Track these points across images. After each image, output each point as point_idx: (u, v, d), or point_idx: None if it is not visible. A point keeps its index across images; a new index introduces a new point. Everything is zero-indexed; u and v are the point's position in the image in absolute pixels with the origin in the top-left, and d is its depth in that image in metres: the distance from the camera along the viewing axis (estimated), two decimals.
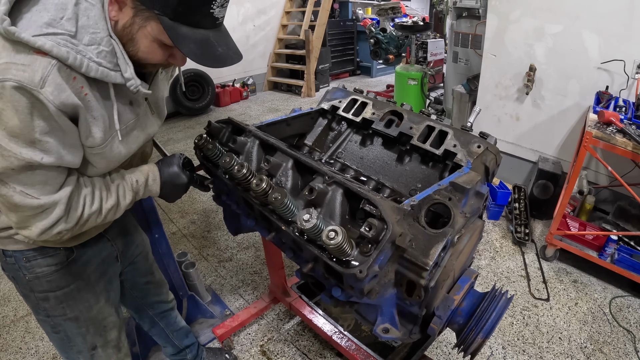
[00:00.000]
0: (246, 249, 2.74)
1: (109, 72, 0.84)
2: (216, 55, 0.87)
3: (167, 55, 0.91)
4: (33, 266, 1.03)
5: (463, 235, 0.89)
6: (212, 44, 0.86)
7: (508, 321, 2.14)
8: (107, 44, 0.83)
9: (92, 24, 0.81)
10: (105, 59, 0.84)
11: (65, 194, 0.89)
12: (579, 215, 2.81)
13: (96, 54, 0.82)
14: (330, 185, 0.88)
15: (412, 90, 4.60)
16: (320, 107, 1.46)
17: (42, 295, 1.07)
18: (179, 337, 1.68)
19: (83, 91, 0.83)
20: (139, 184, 1.07)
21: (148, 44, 0.86)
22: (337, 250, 0.73)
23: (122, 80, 0.88)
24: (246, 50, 6.49)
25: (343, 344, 1.71)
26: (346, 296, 0.85)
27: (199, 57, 0.84)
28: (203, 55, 0.84)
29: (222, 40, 0.90)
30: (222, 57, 0.88)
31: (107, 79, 0.85)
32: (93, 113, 0.87)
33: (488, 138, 1.15)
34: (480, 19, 3.75)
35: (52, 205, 0.87)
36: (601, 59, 2.61)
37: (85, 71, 0.80)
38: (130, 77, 0.88)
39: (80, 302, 1.13)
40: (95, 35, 0.81)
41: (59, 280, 1.07)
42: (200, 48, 0.84)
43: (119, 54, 0.85)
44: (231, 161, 0.98)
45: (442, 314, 0.93)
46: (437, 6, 5.93)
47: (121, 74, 0.87)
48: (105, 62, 0.84)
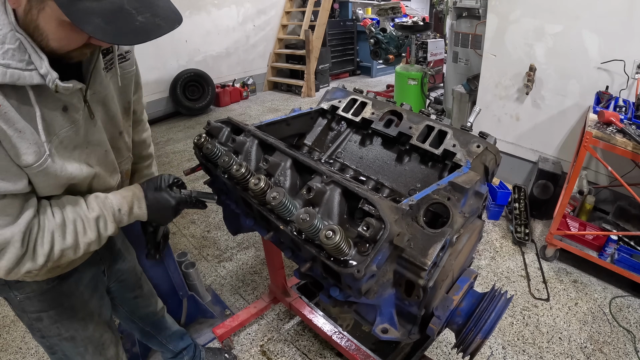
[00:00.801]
0: (246, 249, 2.74)
1: (21, 73, 0.70)
2: (135, 27, 0.67)
3: (84, 37, 0.74)
4: (24, 286, 0.97)
5: (462, 235, 0.89)
6: (127, 14, 0.66)
7: (508, 321, 2.14)
8: (12, 40, 0.69)
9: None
10: (14, 58, 0.69)
11: (18, 229, 0.77)
12: (579, 215, 2.80)
13: (1, 55, 0.68)
14: (328, 185, 0.88)
15: (412, 90, 4.60)
16: (319, 107, 1.46)
17: (35, 315, 1.02)
18: (173, 341, 1.65)
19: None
20: (122, 212, 0.96)
21: (54, 29, 0.69)
22: (334, 250, 0.73)
23: (41, 80, 0.73)
24: (246, 50, 6.51)
25: (343, 344, 1.71)
26: (344, 296, 0.85)
27: (110, 34, 0.65)
28: (115, 31, 0.66)
29: (144, 5, 0.69)
30: (143, 29, 0.68)
31: (20, 81, 0.70)
32: (16, 125, 0.72)
33: (487, 138, 1.15)
34: (480, 19, 3.75)
35: (5, 244, 0.76)
36: (601, 59, 2.61)
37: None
38: (46, 72, 0.72)
39: (75, 321, 1.08)
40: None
41: (51, 299, 1.01)
42: (111, 22, 0.65)
43: (29, 48, 0.70)
44: (230, 160, 0.98)
45: (441, 314, 0.92)
46: (437, 6, 5.93)
47: (37, 72, 0.72)
48: (15, 62, 0.69)
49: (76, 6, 0.64)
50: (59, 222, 0.84)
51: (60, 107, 0.82)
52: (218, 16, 5.92)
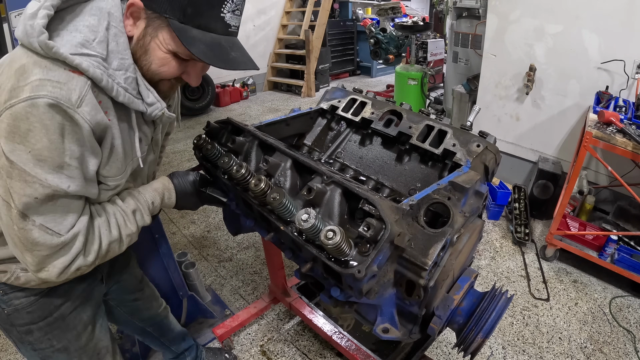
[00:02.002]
0: (246, 249, 2.74)
1: (134, 99, 0.84)
2: (229, 58, 0.83)
3: (181, 69, 0.88)
4: (11, 299, 0.95)
5: (462, 234, 0.89)
6: (224, 48, 0.83)
7: (508, 321, 2.14)
8: (133, 71, 0.83)
9: (120, 50, 0.81)
10: (131, 86, 0.83)
11: (83, 225, 0.84)
12: (579, 215, 2.80)
13: (124, 80, 0.81)
14: (328, 185, 0.88)
15: (412, 90, 4.60)
16: (319, 107, 1.46)
17: (25, 328, 0.99)
18: (175, 342, 1.63)
19: (107, 116, 0.82)
20: (155, 205, 1.03)
21: (161, 55, 0.84)
22: (335, 250, 0.73)
23: (144, 108, 0.87)
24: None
25: (343, 344, 1.71)
26: (345, 296, 0.85)
27: (211, 57, 0.80)
28: (215, 56, 0.81)
29: (236, 47, 0.87)
30: (235, 60, 0.84)
31: (132, 105, 0.84)
32: (115, 141, 0.85)
33: (487, 137, 1.15)
34: (480, 19, 3.75)
35: (72, 240, 0.82)
36: (601, 59, 2.61)
37: (114, 95, 0.80)
38: (154, 101, 0.88)
39: (67, 331, 1.06)
40: (123, 61, 0.81)
41: (40, 310, 0.99)
42: (212, 50, 0.81)
43: (140, 81, 0.85)
44: (230, 161, 0.98)
45: (441, 314, 0.92)
46: (437, 6, 5.94)
47: (142, 102, 0.87)
48: (131, 89, 0.83)
49: (187, 33, 0.79)
50: (103, 218, 0.90)
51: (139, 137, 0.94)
52: None
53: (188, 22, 0.79)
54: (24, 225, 0.76)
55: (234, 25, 0.86)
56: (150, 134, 1.01)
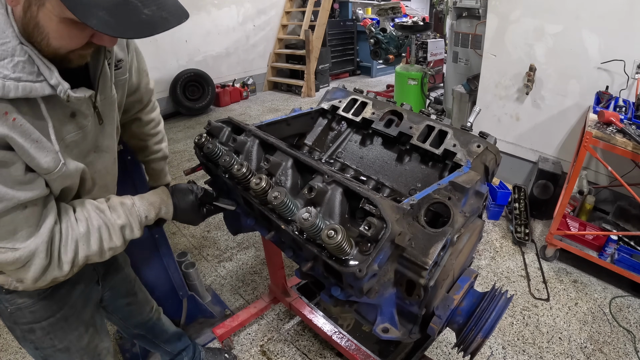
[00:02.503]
0: (246, 249, 2.74)
1: (32, 85, 0.69)
2: (141, 20, 0.64)
3: (86, 35, 0.71)
4: (14, 297, 0.94)
5: (462, 234, 0.89)
6: (132, 6, 0.63)
7: (508, 321, 2.14)
8: (21, 53, 0.68)
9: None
10: (24, 71, 0.68)
11: (41, 240, 0.77)
12: (579, 215, 2.81)
13: (11, 69, 0.66)
14: (329, 185, 0.88)
15: (412, 90, 4.60)
16: (320, 107, 1.46)
17: (28, 327, 0.99)
18: (170, 343, 1.63)
19: (9, 117, 0.68)
20: (149, 219, 0.98)
21: (55, 26, 0.66)
22: (336, 249, 0.73)
23: (51, 90, 0.72)
24: (246, 50, 6.51)
25: (343, 344, 1.71)
26: (345, 295, 0.85)
27: (114, 27, 0.62)
28: (120, 23, 0.62)
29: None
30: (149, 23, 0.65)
31: (32, 94, 0.70)
32: (32, 137, 0.73)
33: (488, 138, 1.15)
34: (480, 19, 3.75)
35: (30, 256, 0.76)
36: (601, 59, 2.61)
37: (2, 94, 0.66)
38: (56, 82, 0.72)
39: (69, 332, 1.05)
40: (4, 46, 0.66)
41: (43, 310, 0.98)
42: (115, 15, 0.62)
43: (37, 60, 0.69)
44: (231, 160, 0.98)
45: (441, 314, 0.92)
46: (437, 6, 5.94)
47: (47, 83, 0.71)
48: (25, 75, 0.68)
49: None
50: (83, 230, 0.85)
51: (68, 114, 0.82)
52: (218, 16, 5.92)
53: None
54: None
55: None
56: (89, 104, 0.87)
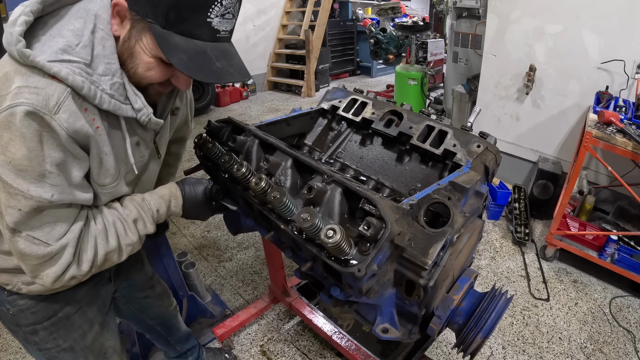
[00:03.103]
0: (246, 249, 2.74)
1: (121, 105, 0.81)
2: (212, 69, 0.77)
3: (168, 74, 0.84)
4: (15, 299, 0.95)
5: (462, 234, 0.89)
6: (208, 57, 0.77)
7: (508, 321, 2.14)
8: (120, 76, 0.80)
9: (107, 54, 0.77)
10: (118, 92, 0.80)
11: (73, 235, 0.81)
12: (579, 215, 2.81)
13: (109, 86, 0.78)
14: (329, 184, 0.88)
15: (412, 90, 4.60)
16: (320, 107, 1.46)
17: (30, 328, 0.99)
18: (180, 341, 1.63)
19: (95, 123, 0.79)
20: (160, 213, 0.99)
21: (146, 59, 0.79)
22: (335, 249, 0.73)
23: (133, 114, 0.84)
24: (246, 50, 6.50)
25: (343, 344, 1.71)
26: (345, 295, 0.85)
27: (191, 68, 0.75)
28: (196, 67, 0.76)
29: (223, 55, 0.80)
30: (218, 73, 0.78)
31: (119, 111, 0.81)
32: (104, 148, 0.82)
33: (488, 138, 1.15)
34: (480, 19, 3.75)
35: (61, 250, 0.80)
36: (601, 59, 2.61)
37: (98, 103, 0.77)
38: (141, 106, 0.84)
39: (72, 330, 1.05)
40: (109, 65, 0.78)
41: (44, 310, 0.98)
42: (193, 60, 0.75)
43: (127, 86, 0.81)
44: (230, 160, 0.98)
45: (441, 314, 0.92)
46: (437, 6, 5.93)
47: (131, 107, 0.83)
48: (117, 95, 0.80)
49: (168, 40, 0.75)
50: (100, 227, 0.87)
51: (135, 141, 0.91)
52: None
53: (170, 27, 0.74)
54: (10, 237, 0.76)
55: (223, 31, 0.79)
56: (151, 138, 0.99)
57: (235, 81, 0.82)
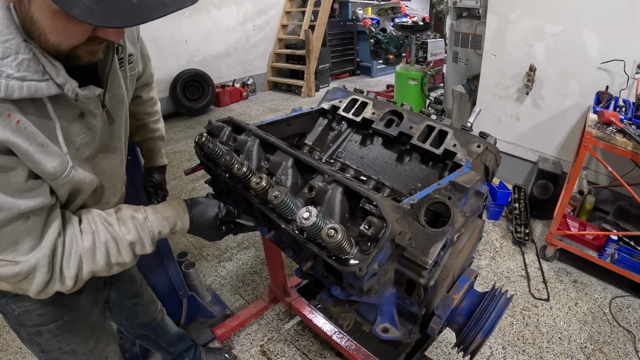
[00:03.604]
0: (246, 249, 2.74)
1: (38, 85, 0.65)
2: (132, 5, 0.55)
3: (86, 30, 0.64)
4: (22, 299, 0.91)
5: (463, 234, 0.89)
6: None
7: (508, 321, 2.14)
8: (25, 51, 0.63)
9: (1, 30, 0.61)
10: (29, 70, 0.63)
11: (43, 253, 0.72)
12: (579, 215, 2.81)
13: (16, 67, 0.62)
14: (330, 184, 0.88)
15: (412, 90, 4.60)
16: (320, 107, 1.46)
17: (35, 329, 0.97)
18: (172, 344, 1.63)
19: (12, 119, 0.63)
20: (162, 234, 0.91)
21: (49, 19, 0.60)
22: (336, 248, 0.73)
23: (58, 90, 0.68)
24: (246, 50, 6.51)
25: (343, 344, 1.71)
26: (346, 295, 0.85)
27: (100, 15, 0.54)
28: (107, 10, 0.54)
29: None
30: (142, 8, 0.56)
31: (38, 93, 0.65)
32: (37, 140, 0.67)
33: (488, 138, 1.15)
34: (480, 19, 3.75)
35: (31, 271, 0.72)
36: (601, 59, 2.61)
37: (5, 95, 0.61)
38: (63, 81, 0.68)
39: (76, 334, 1.03)
40: (8, 43, 0.61)
41: (51, 313, 0.96)
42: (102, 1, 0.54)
43: (42, 57, 0.64)
44: (231, 160, 0.98)
45: (441, 314, 0.92)
46: (437, 6, 5.94)
47: (53, 82, 0.67)
48: (30, 74, 0.63)
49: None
50: (88, 245, 0.79)
51: (77, 114, 0.77)
52: (218, 16, 5.92)
53: None
54: None
55: None
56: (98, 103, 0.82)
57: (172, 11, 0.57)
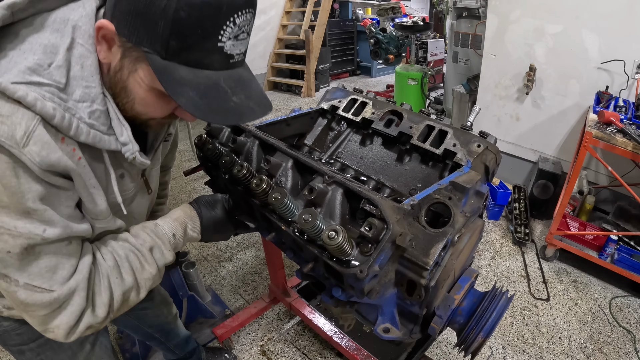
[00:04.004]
0: (246, 249, 2.74)
1: (102, 137, 0.68)
2: (229, 107, 0.64)
3: (171, 107, 0.72)
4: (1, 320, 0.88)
5: (463, 234, 0.89)
6: (222, 91, 0.64)
7: (508, 321, 2.14)
8: (101, 103, 0.66)
9: (86, 76, 0.64)
10: (99, 121, 0.66)
11: (82, 276, 0.70)
12: (579, 215, 2.81)
13: (88, 114, 0.65)
14: (330, 185, 0.88)
15: (412, 90, 4.60)
16: (320, 107, 1.46)
17: (16, 349, 0.94)
18: (180, 346, 1.62)
19: (76, 154, 0.65)
20: (177, 237, 0.89)
21: (143, 94, 0.67)
22: (337, 250, 0.73)
23: (118, 146, 0.70)
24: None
25: (343, 344, 1.71)
26: (347, 296, 0.85)
27: (202, 109, 0.62)
28: (208, 106, 0.62)
29: (240, 86, 0.67)
30: (237, 111, 0.65)
31: (99, 144, 0.68)
32: (91, 181, 0.70)
33: (488, 137, 1.15)
34: (480, 19, 3.75)
35: (69, 295, 0.68)
36: (601, 59, 2.61)
37: (74, 134, 0.63)
38: (127, 141, 0.71)
39: (60, 352, 0.98)
40: (89, 90, 0.64)
41: (29, 331, 0.91)
42: (205, 97, 0.62)
43: (112, 114, 0.68)
44: (231, 161, 0.98)
45: (442, 314, 0.92)
46: (437, 6, 5.93)
47: (115, 138, 0.70)
48: (98, 124, 0.66)
49: (172, 75, 0.60)
50: (111, 264, 0.76)
51: (119, 173, 0.79)
52: None
53: (173, 57, 0.60)
54: (7, 287, 0.65)
55: (237, 54, 0.65)
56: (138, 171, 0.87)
57: (258, 118, 0.69)
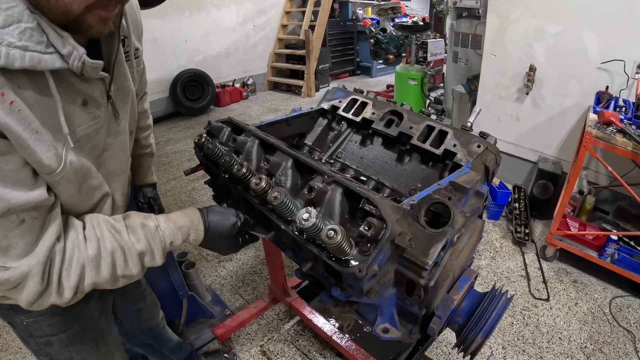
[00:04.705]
0: (246, 249, 2.74)
1: (42, 56, 0.59)
2: None
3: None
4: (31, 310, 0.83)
5: (463, 234, 0.89)
6: None
7: (508, 321, 2.14)
8: (29, 19, 0.57)
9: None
10: (32, 40, 0.57)
11: (36, 260, 0.64)
12: (579, 215, 2.81)
13: (18, 36, 0.56)
14: (329, 185, 0.88)
15: (412, 90, 4.60)
16: (320, 107, 1.46)
17: (44, 340, 0.93)
18: (174, 352, 1.62)
19: (5, 99, 0.57)
20: (174, 245, 0.86)
21: None
22: (336, 250, 0.73)
23: (63, 63, 0.62)
24: (246, 50, 6.51)
25: (343, 344, 1.71)
26: (346, 295, 0.85)
27: None
28: None
29: None
30: None
31: (41, 65, 0.59)
32: (32, 125, 0.60)
33: (488, 138, 1.15)
34: (480, 19, 3.75)
35: (22, 279, 0.64)
36: (601, 59, 2.61)
37: (5, 63, 0.55)
38: (70, 50, 0.61)
39: (86, 343, 1.00)
40: (10, 11, 0.55)
41: (61, 322, 0.92)
42: None
43: (46, 28, 0.59)
44: (231, 160, 0.98)
45: (442, 314, 0.92)
46: (437, 6, 5.93)
47: (58, 55, 0.61)
48: (33, 44, 0.58)
49: None
50: (92, 254, 0.72)
51: (79, 100, 0.70)
52: (218, 16, 5.92)
53: None
54: None
55: None
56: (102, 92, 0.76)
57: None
